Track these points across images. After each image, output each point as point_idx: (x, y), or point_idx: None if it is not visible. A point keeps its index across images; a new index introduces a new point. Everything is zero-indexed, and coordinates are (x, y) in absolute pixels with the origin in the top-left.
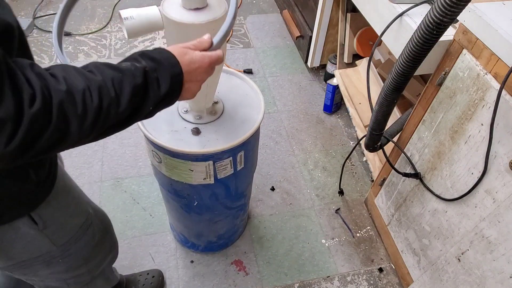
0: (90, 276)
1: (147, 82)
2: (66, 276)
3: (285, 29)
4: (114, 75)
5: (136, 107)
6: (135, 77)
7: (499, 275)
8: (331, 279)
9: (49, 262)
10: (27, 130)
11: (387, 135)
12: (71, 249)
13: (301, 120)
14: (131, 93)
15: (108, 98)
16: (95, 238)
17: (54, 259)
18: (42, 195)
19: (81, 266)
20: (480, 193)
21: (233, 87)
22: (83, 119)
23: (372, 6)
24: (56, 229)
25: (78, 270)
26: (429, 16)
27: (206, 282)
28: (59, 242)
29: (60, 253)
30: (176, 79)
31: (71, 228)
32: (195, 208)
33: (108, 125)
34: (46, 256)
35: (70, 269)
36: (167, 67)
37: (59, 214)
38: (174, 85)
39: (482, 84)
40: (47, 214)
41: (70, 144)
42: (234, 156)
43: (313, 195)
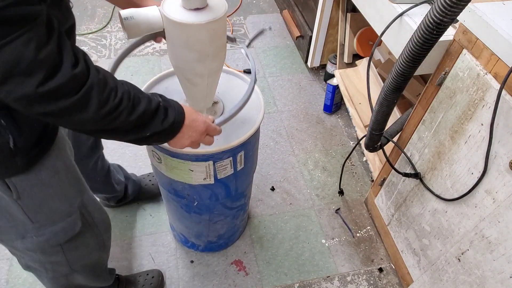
0: (69, 268)
1: (156, 111)
2: (43, 259)
3: (285, 29)
4: (137, 93)
5: (139, 126)
6: (150, 103)
7: (499, 275)
8: (331, 279)
9: (23, 236)
10: (58, 84)
11: (387, 135)
12: (46, 230)
13: (301, 120)
14: (142, 111)
15: (125, 104)
16: (75, 229)
17: (28, 233)
18: (17, 167)
19: (58, 253)
20: (480, 193)
21: (233, 87)
22: (100, 108)
23: (372, 6)
24: (32, 204)
25: (54, 257)
26: (429, 16)
27: (206, 282)
28: (34, 218)
29: (34, 231)
30: (177, 124)
31: (49, 209)
32: (195, 208)
33: (114, 125)
34: (20, 227)
35: (45, 252)
36: (174, 112)
37: (37, 191)
38: (173, 127)
39: (482, 84)
40: (23, 187)
41: (77, 123)
42: (234, 156)
43: (313, 195)
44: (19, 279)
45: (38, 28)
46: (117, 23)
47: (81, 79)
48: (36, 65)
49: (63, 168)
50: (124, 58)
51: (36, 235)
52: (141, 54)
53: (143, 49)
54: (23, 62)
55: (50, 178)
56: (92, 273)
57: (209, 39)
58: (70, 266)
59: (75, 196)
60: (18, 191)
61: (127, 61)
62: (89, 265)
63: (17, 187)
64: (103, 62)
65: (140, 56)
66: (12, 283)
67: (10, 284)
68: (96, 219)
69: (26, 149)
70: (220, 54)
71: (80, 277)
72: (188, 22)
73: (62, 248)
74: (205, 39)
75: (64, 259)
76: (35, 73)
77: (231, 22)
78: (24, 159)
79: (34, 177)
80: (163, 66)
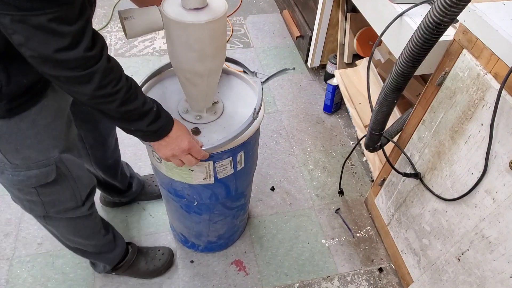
0: (43, 209)
1: (146, 114)
2: (21, 197)
3: (285, 29)
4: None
5: (127, 119)
6: (144, 104)
7: (499, 275)
8: (331, 279)
9: (2, 171)
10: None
11: (387, 135)
12: (21, 173)
13: (301, 120)
14: (133, 108)
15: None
16: (48, 179)
17: (6, 170)
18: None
19: (32, 194)
20: (480, 193)
21: (233, 87)
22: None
23: (372, 6)
24: (8, 149)
25: (29, 196)
26: (429, 16)
27: (206, 282)
28: (10, 160)
29: (11, 170)
30: (160, 132)
31: (24, 156)
32: (195, 208)
33: (105, 108)
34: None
35: (22, 191)
36: (163, 122)
37: (15, 138)
38: (156, 133)
39: (482, 84)
40: (3, 131)
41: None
42: (234, 156)
43: (313, 195)
44: (19, 279)
45: (70, 9)
46: (117, 23)
47: (90, 61)
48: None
49: (45, 124)
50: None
51: (12, 174)
52: (141, 54)
53: (143, 49)
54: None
55: (28, 130)
56: (74, 226)
57: (209, 39)
58: (45, 208)
59: (52, 151)
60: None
61: (127, 61)
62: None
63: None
64: None
65: (140, 56)
66: (12, 283)
67: (10, 284)
68: (74, 174)
69: (10, 98)
70: (220, 54)
71: (60, 226)
72: (188, 22)
73: (37, 190)
74: (205, 39)
75: (39, 200)
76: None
77: (231, 22)
78: (6, 106)
79: (13, 126)
80: None
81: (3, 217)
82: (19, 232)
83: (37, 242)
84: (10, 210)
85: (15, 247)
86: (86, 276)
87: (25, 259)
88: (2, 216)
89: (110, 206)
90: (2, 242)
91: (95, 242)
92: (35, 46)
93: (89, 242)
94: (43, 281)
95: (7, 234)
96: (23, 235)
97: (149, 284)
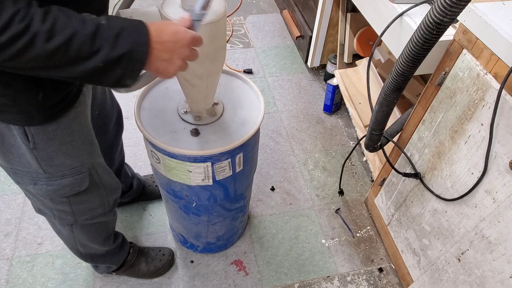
0: (73, 218)
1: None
2: (52, 206)
3: (285, 29)
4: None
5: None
6: (84, 24)
7: (499, 275)
8: (331, 279)
9: (35, 182)
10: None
11: (387, 135)
12: (56, 182)
13: (301, 120)
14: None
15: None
16: (82, 186)
17: (39, 181)
18: (38, 118)
19: (64, 203)
20: (480, 193)
21: (233, 88)
22: None
23: (372, 6)
24: (45, 156)
25: (61, 205)
26: (429, 16)
27: (206, 282)
28: (46, 169)
29: (45, 180)
30: (137, 50)
31: (60, 164)
32: (194, 209)
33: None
34: (34, 174)
35: (54, 200)
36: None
37: (52, 145)
38: (133, 55)
39: (482, 84)
40: (40, 138)
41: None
42: (233, 158)
43: (313, 195)
44: (19, 279)
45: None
46: None
47: None
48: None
49: (79, 130)
50: None
51: (46, 184)
52: None
53: None
54: None
55: (65, 136)
56: (94, 232)
57: (209, 40)
58: (75, 217)
59: (86, 157)
60: (35, 142)
61: None
62: (93, 222)
63: (35, 138)
64: None
65: None
66: (12, 283)
67: (10, 284)
68: (105, 181)
69: (50, 105)
70: (219, 56)
71: (83, 233)
72: None
73: (69, 199)
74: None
75: (70, 209)
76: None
77: (231, 22)
78: (46, 113)
79: (51, 132)
80: None
81: (3, 217)
82: (19, 232)
83: (37, 242)
84: (10, 210)
85: (15, 247)
86: (86, 276)
87: (25, 259)
88: (2, 216)
89: None
90: (2, 242)
91: (108, 248)
92: None
93: (103, 248)
94: (43, 281)
95: (7, 234)
96: (23, 235)
97: (149, 284)
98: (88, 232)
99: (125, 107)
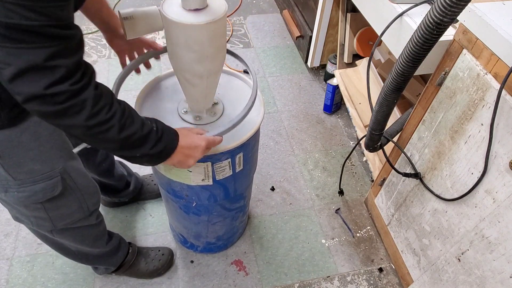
0: (51, 224)
1: (147, 135)
2: (27, 213)
3: (285, 29)
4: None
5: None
6: (142, 127)
7: (499, 275)
8: (331, 279)
9: (6, 189)
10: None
11: (387, 135)
12: (27, 188)
13: (301, 120)
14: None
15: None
16: (55, 192)
17: (10, 188)
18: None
19: (40, 210)
20: (480, 193)
21: (233, 88)
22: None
23: (372, 6)
24: (12, 164)
25: (37, 212)
26: (429, 16)
27: (206, 282)
28: (14, 176)
29: (16, 187)
30: (168, 149)
31: (29, 170)
32: (194, 209)
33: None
34: (3, 182)
35: (28, 208)
36: (168, 137)
37: (18, 152)
38: (165, 152)
39: (482, 84)
40: (5, 146)
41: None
42: (233, 158)
43: (313, 195)
44: (19, 279)
45: (70, 43)
46: None
47: (78, 92)
48: (52, 70)
49: (46, 135)
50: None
51: (17, 191)
52: None
53: None
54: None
55: (31, 142)
56: (80, 236)
57: (209, 39)
58: (53, 223)
59: (56, 162)
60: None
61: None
62: (73, 227)
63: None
64: (103, 62)
65: None
66: (12, 283)
67: (10, 284)
68: (80, 185)
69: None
70: (219, 55)
71: (66, 238)
72: (187, 23)
73: (43, 206)
74: (205, 40)
75: (46, 215)
76: (48, 76)
77: (231, 22)
78: (9, 114)
79: (15, 139)
80: (163, 66)
81: (3, 217)
82: (19, 232)
83: (37, 242)
84: None
85: (15, 247)
86: (86, 276)
87: (25, 259)
88: (2, 216)
89: (109, 206)
90: (2, 242)
91: (100, 249)
92: (27, 83)
93: (94, 249)
94: (43, 281)
95: (7, 234)
96: (23, 235)
97: (149, 284)
98: (72, 236)
99: None
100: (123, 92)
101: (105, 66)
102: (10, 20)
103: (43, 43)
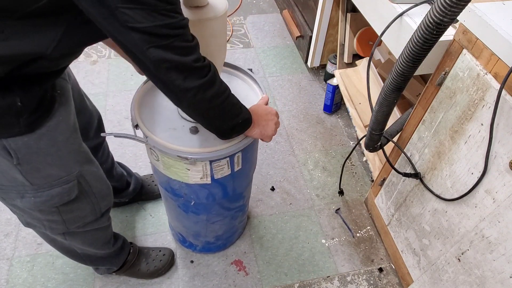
0: (65, 226)
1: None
2: (41, 217)
3: (285, 29)
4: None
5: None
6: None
7: (499, 275)
8: (331, 279)
9: (22, 195)
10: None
11: (387, 135)
12: (44, 193)
13: (301, 120)
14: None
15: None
16: (71, 196)
17: (27, 193)
18: (19, 128)
19: (54, 213)
20: (480, 193)
21: (234, 87)
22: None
23: (372, 6)
24: (31, 169)
25: (51, 216)
26: (429, 16)
27: (206, 282)
28: (32, 181)
29: (33, 192)
30: (246, 122)
31: (47, 175)
32: (193, 208)
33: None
34: (20, 188)
35: (43, 212)
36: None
37: (36, 157)
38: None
39: (482, 84)
40: (23, 153)
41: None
42: (231, 157)
43: (313, 195)
44: (19, 279)
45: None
46: None
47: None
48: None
49: (63, 140)
50: None
51: (34, 196)
52: None
53: None
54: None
55: (49, 147)
56: (90, 238)
57: (209, 37)
58: (66, 226)
59: (73, 166)
60: (18, 157)
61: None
62: (85, 230)
63: (17, 153)
64: (103, 62)
65: None
66: (12, 283)
67: (10, 284)
68: (94, 188)
69: (30, 110)
70: (220, 53)
71: (77, 239)
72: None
73: (58, 209)
74: (205, 37)
75: (60, 218)
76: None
77: (231, 22)
78: (27, 120)
79: (33, 145)
80: None
81: (3, 217)
82: (19, 232)
83: (37, 242)
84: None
85: (15, 247)
86: (86, 276)
87: (25, 259)
88: (2, 216)
89: None
90: (2, 242)
91: (107, 251)
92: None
93: (102, 251)
94: (43, 281)
95: (7, 234)
96: (23, 235)
97: (149, 284)
98: (82, 238)
99: (126, 107)
100: (123, 92)
101: (105, 66)
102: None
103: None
